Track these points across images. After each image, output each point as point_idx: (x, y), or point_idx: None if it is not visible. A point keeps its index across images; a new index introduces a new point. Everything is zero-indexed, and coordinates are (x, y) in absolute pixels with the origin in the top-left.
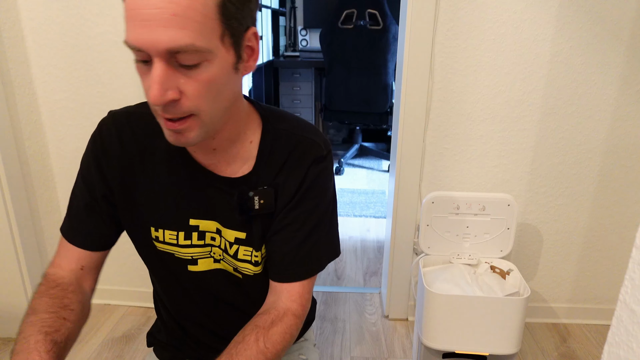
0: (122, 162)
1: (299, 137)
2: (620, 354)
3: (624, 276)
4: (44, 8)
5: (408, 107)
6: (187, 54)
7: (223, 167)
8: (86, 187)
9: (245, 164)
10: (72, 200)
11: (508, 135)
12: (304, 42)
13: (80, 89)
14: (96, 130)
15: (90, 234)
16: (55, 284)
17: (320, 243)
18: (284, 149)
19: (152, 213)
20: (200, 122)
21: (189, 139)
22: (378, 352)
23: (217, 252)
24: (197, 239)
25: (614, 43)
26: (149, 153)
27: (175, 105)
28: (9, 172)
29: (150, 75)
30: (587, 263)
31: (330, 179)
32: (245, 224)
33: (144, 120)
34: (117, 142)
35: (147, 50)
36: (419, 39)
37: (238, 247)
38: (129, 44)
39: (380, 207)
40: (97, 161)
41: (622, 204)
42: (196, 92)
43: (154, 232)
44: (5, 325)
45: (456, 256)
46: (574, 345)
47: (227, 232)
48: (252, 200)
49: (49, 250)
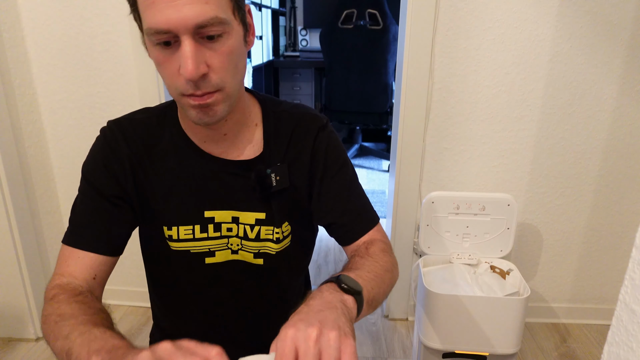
0: (132, 162)
1: (298, 115)
2: (620, 354)
3: (624, 276)
4: (44, 8)
5: (408, 107)
6: (212, 27)
7: (233, 152)
8: (94, 192)
9: (255, 146)
10: (76, 210)
11: (508, 135)
12: (304, 42)
13: (80, 89)
14: (99, 138)
15: (101, 237)
16: (77, 292)
17: (364, 197)
18: (287, 127)
19: (165, 211)
20: (225, 96)
21: (217, 113)
22: (378, 352)
23: (234, 243)
24: (213, 230)
25: (614, 43)
26: (157, 151)
27: (204, 79)
28: (9, 172)
29: (181, 54)
30: (587, 263)
31: (339, 141)
32: (264, 203)
33: (145, 124)
34: (124, 143)
35: (176, 29)
36: (419, 39)
37: (260, 228)
38: (155, 28)
39: (380, 207)
40: (105, 164)
41: (622, 204)
42: (221, 64)
43: (167, 231)
44: (6, 325)
45: (456, 256)
46: (574, 345)
47: (246, 216)
48: (270, 178)
49: (49, 251)
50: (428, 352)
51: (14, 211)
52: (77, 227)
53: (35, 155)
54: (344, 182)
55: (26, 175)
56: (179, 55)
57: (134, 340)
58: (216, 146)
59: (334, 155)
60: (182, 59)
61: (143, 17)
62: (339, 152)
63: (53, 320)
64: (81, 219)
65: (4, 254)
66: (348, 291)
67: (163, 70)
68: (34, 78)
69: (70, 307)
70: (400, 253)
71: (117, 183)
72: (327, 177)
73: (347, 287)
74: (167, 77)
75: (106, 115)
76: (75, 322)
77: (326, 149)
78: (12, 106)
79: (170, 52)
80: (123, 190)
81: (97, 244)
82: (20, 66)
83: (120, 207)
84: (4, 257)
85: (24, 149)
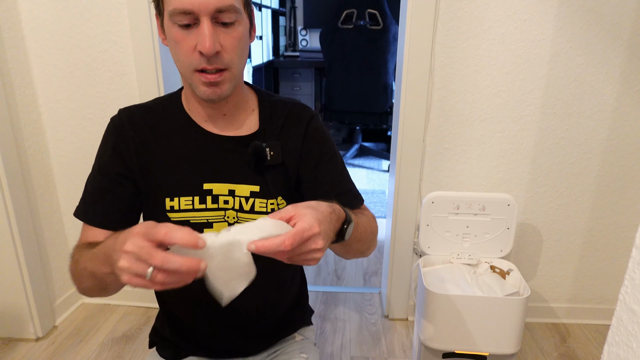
0: (136, 143)
1: (290, 105)
2: (620, 354)
3: (624, 276)
4: (44, 8)
5: (408, 107)
6: (228, 13)
7: (231, 130)
8: (101, 173)
9: (251, 126)
10: (87, 187)
11: (508, 135)
12: (304, 42)
13: (80, 89)
14: (109, 125)
15: (108, 214)
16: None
17: (351, 179)
18: (281, 113)
19: (168, 183)
20: (231, 76)
21: (224, 90)
22: (378, 352)
23: (230, 215)
24: (211, 202)
25: (614, 43)
26: (162, 130)
27: (217, 56)
28: (9, 172)
29: (199, 33)
30: (587, 263)
31: (327, 130)
32: (258, 177)
33: (151, 108)
34: (130, 126)
35: (198, 11)
36: (419, 39)
37: (254, 200)
38: (181, 9)
39: (380, 207)
40: (113, 145)
41: (622, 204)
42: (232, 46)
43: (169, 202)
44: (6, 325)
45: (456, 256)
46: (574, 345)
47: (241, 188)
48: (265, 151)
49: (49, 250)
50: (428, 352)
51: (14, 211)
52: (87, 203)
53: (35, 155)
54: (337, 167)
55: (26, 175)
56: (197, 34)
57: (134, 340)
58: (215, 125)
59: (328, 143)
60: (200, 37)
61: (169, 0)
62: (330, 140)
63: (73, 269)
64: (91, 197)
65: (4, 254)
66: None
67: (180, 48)
68: (34, 78)
69: (81, 252)
70: (400, 253)
71: (123, 163)
72: (322, 163)
73: (346, 214)
74: (183, 54)
75: (106, 115)
76: (82, 254)
77: (320, 137)
78: (12, 106)
79: (188, 32)
80: (128, 170)
81: (105, 219)
82: (20, 66)
83: (124, 186)
84: (4, 257)
85: (24, 149)
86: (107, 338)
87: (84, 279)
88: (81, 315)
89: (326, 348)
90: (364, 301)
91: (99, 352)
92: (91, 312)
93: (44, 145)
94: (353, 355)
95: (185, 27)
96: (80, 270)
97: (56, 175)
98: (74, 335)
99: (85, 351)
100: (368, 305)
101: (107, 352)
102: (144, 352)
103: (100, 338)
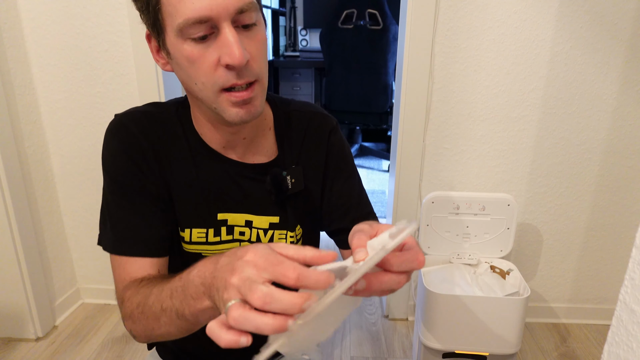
0: (154, 153)
1: (309, 114)
2: (620, 353)
3: (624, 276)
4: (44, 8)
5: (408, 107)
6: (249, 13)
7: (250, 156)
8: (125, 193)
9: (270, 150)
10: (112, 213)
11: (508, 135)
12: (304, 42)
13: (80, 89)
14: (113, 132)
15: (150, 238)
16: (139, 280)
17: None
18: (299, 127)
19: (180, 212)
20: (262, 88)
21: (257, 107)
22: (378, 352)
23: None
24: (225, 234)
25: (614, 43)
26: (175, 150)
27: (247, 67)
28: (9, 172)
29: (223, 42)
30: (587, 263)
31: (348, 144)
32: (278, 207)
33: (160, 120)
34: (142, 136)
35: (219, 15)
36: (419, 39)
37: (273, 232)
38: (195, 17)
39: (380, 207)
40: (130, 158)
41: (622, 204)
42: (258, 51)
43: (180, 232)
44: (6, 325)
45: (456, 256)
46: (574, 345)
47: (260, 220)
48: (286, 180)
49: (49, 250)
50: (428, 352)
51: (14, 211)
52: (119, 231)
53: (35, 155)
54: (354, 189)
55: (26, 175)
56: (219, 45)
57: (134, 340)
58: (234, 150)
59: (346, 159)
60: (225, 48)
61: (176, 10)
62: (350, 154)
63: (137, 313)
64: (122, 224)
65: (4, 254)
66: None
67: (197, 68)
68: (34, 78)
69: (141, 291)
70: None
71: (145, 176)
72: (338, 182)
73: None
74: (204, 74)
75: (106, 115)
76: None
77: (338, 153)
78: (12, 106)
79: (205, 46)
80: (153, 184)
81: (151, 246)
82: (20, 66)
83: (154, 199)
84: (4, 257)
85: (24, 149)
86: (107, 338)
87: (162, 324)
88: (81, 315)
89: (326, 348)
90: (364, 301)
91: (99, 352)
92: (91, 312)
93: (44, 145)
94: (353, 355)
95: (200, 40)
96: (154, 313)
97: (56, 175)
98: (74, 335)
99: (85, 351)
100: (368, 305)
101: (107, 352)
102: (144, 352)
103: (100, 338)
